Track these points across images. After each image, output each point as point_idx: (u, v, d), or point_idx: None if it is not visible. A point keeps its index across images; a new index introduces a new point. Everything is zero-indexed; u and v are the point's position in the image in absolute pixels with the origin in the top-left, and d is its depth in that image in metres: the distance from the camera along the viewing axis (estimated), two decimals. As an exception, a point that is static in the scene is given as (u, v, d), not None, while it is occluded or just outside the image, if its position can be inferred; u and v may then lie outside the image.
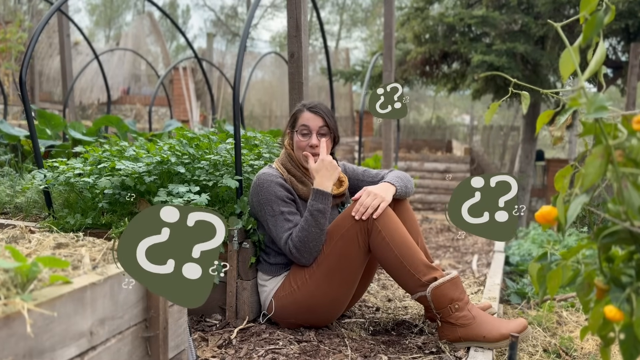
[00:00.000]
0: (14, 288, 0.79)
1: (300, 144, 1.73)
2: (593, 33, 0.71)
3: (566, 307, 2.21)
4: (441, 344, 1.58)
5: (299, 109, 1.77)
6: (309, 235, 1.60)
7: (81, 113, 10.17)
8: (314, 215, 1.60)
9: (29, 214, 2.04)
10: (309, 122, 1.72)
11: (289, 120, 1.81)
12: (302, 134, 1.72)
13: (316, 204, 1.61)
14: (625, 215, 0.65)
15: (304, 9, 2.16)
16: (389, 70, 4.10)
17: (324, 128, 1.73)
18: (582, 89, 0.68)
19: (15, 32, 6.14)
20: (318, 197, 1.62)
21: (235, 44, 19.67)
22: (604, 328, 0.69)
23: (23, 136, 3.14)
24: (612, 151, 0.65)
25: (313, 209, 1.61)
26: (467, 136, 13.33)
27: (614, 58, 6.87)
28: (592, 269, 0.73)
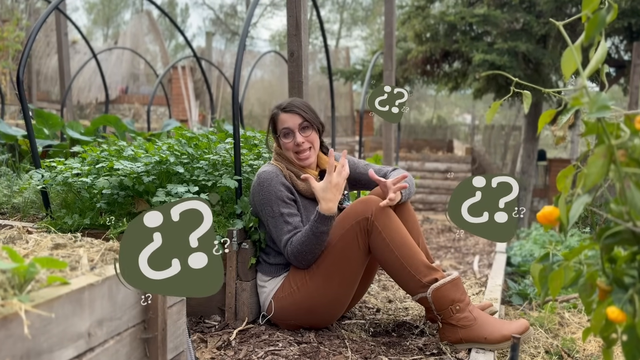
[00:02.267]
0: (12, 289, 0.78)
1: (287, 145, 1.72)
2: (595, 32, 0.70)
3: (568, 308, 2.20)
4: (442, 346, 1.57)
5: (274, 112, 1.76)
6: (307, 249, 1.60)
7: (79, 112, 10.16)
8: (316, 235, 1.59)
9: (26, 215, 2.03)
10: (288, 123, 1.71)
11: (268, 127, 1.80)
12: (285, 136, 1.71)
13: (320, 226, 1.58)
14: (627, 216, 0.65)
15: (304, 8, 2.15)
16: (389, 70, 4.09)
17: (304, 123, 1.71)
18: (584, 88, 0.67)
19: (12, 30, 6.13)
20: (322, 221, 1.58)
21: (234, 42, 19.66)
22: (606, 329, 0.69)
23: (20, 136, 3.13)
24: (615, 151, 0.65)
25: (316, 230, 1.58)
26: (469, 136, 13.34)
27: (617, 57, 6.84)
28: (594, 270, 0.72)
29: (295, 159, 1.72)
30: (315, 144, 1.74)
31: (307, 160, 1.72)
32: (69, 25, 5.30)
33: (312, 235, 1.58)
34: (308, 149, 1.71)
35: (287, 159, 1.75)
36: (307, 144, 1.71)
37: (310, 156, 1.73)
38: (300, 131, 1.70)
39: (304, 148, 1.70)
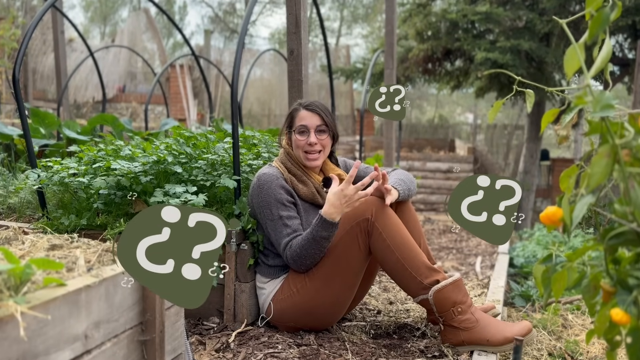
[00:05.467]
0: (7, 290, 0.78)
1: (299, 142, 1.71)
2: (599, 30, 0.69)
3: (572, 310, 2.19)
4: (444, 348, 1.56)
5: (295, 107, 1.76)
6: (307, 253, 1.58)
7: (76, 112, 10.14)
8: (316, 240, 1.57)
9: (22, 215, 2.02)
10: (306, 121, 1.71)
11: (285, 120, 1.80)
12: (300, 133, 1.71)
13: (322, 231, 1.56)
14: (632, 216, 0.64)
15: (304, 5, 2.14)
16: (390, 68, 4.08)
17: (322, 126, 1.72)
18: (588, 86, 0.67)
19: (8, 28, 6.10)
20: (324, 225, 1.56)
21: (233, 40, 19.65)
22: (610, 331, 0.69)
23: (16, 135, 3.12)
24: (619, 150, 0.64)
25: (317, 235, 1.56)
26: (471, 135, 13.32)
27: (621, 55, 6.81)
28: (598, 271, 0.72)
29: (303, 158, 1.72)
30: (327, 149, 1.74)
31: (314, 162, 1.72)
32: (66, 23, 5.27)
33: (312, 240, 1.56)
34: (318, 151, 1.72)
35: (292, 160, 1.74)
36: (319, 146, 1.71)
37: (319, 159, 1.73)
38: (316, 132, 1.71)
39: (314, 149, 1.71)
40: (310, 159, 1.71)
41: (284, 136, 1.80)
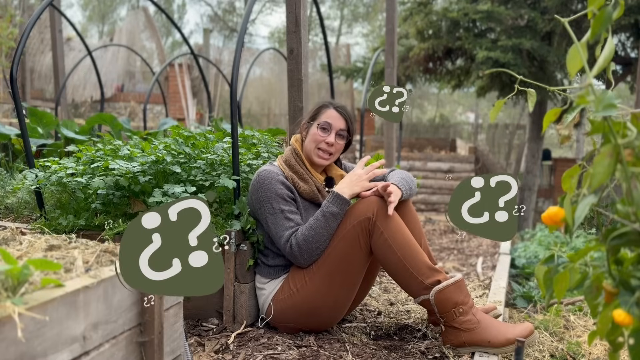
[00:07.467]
0: (5, 291, 0.77)
1: (317, 137, 1.73)
2: (601, 28, 0.69)
3: (574, 311, 2.18)
4: (445, 349, 1.55)
5: (325, 104, 1.79)
6: (315, 235, 1.58)
7: (74, 111, 10.14)
8: (326, 217, 1.59)
9: (19, 215, 2.02)
10: (333, 121, 1.74)
11: (310, 111, 1.82)
12: (322, 129, 1.73)
13: (332, 206, 1.60)
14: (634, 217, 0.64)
15: (304, 4, 2.13)
16: (391, 67, 4.07)
17: (344, 132, 1.76)
18: (590, 86, 0.66)
19: (5, 27, 6.08)
20: (335, 201, 1.60)
21: (232, 39, 19.63)
22: (612, 332, 0.69)
23: (14, 135, 3.11)
24: (621, 150, 0.64)
25: (327, 211, 1.59)
26: (472, 135, 13.32)
27: (623, 54, 6.79)
28: (600, 272, 0.72)
29: (314, 152, 1.74)
30: (337, 154, 1.78)
31: (322, 160, 1.75)
32: (64, 22, 5.27)
33: (322, 218, 1.58)
34: (330, 153, 1.75)
35: (297, 157, 1.75)
36: (334, 149, 1.75)
37: (328, 160, 1.76)
38: (337, 135, 1.74)
39: (328, 149, 1.74)
40: (320, 156, 1.74)
41: (300, 127, 1.82)
